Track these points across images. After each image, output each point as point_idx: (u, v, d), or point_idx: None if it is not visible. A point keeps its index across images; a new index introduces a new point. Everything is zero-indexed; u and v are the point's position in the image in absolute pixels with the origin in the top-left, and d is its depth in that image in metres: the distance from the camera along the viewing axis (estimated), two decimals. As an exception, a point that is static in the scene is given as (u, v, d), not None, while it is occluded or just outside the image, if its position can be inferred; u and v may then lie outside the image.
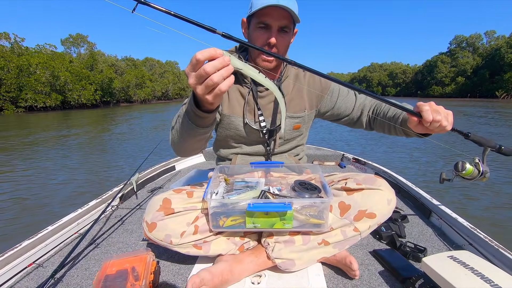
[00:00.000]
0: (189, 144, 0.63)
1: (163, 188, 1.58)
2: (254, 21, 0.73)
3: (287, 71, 0.86)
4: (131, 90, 32.53)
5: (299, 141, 0.94)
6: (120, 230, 1.05)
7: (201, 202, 0.71)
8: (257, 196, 0.63)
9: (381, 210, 0.65)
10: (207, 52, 0.43)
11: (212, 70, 0.43)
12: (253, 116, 0.84)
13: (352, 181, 0.69)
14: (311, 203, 0.60)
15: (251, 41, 0.76)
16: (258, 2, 0.71)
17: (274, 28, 0.72)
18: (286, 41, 0.76)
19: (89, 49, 32.78)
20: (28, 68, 19.96)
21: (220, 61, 0.43)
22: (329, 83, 0.90)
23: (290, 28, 0.75)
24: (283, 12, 0.69)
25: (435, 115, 0.56)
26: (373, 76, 73.68)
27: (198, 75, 0.45)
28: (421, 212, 1.17)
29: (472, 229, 0.90)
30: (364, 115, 0.88)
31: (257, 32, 0.74)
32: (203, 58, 0.43)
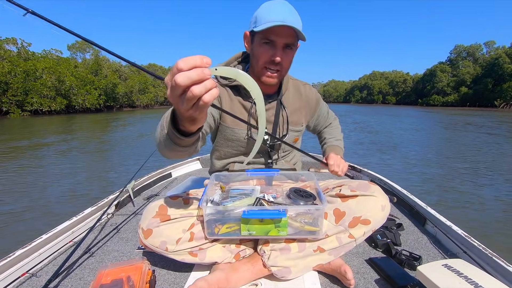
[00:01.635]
0: (174, 155, 0.60)
1: (159, 195, 1.57)
2: (259, 36, 0.73)
3: (287, 84, 0.88)
4: (134, 95, 32.95)
5: (296, 151, 0.97)
6: (116, 238, 1.04)
7: (197, 209, 0.71)
8: (252, 203, 0.64)
9: (375, 216, 0.66)
10: (191, 60, 0.35)
11: (186, 81, 0.35)
12: (256, 129, 0.84)
13: (347, 187, 0.71)
14: (305, 210, 0.61)
15: (254, 55, 0.77)
16: (264, 18, 0.70)
17: (280, 45, 0.72)
18: (291, 57, 0.77)
19: (94, 55, 33.49)
20: (34, 72, 20.34)
21: (197, 73, 0.35)
22: (319, 98, 0.94)
23: (295, 45, 0.76)
24: (290, 30, 0.70)
25: (335, 168, 0.83)
26: (374, 84, 74.21)
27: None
28: (416, 220, 1.18)
29: (466, 237, 0.91)
30: (318, 129, 1.05)
31: (262, 48, 0.73)
32: (186, 68, 0.35)
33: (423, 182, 3.42)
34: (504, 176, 3.71)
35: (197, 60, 0.36)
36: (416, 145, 6.41)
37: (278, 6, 0.71)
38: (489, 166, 4.25)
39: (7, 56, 19.95)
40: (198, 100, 0.37)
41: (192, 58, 0.36)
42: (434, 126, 11.37)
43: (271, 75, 0.77)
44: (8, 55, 20.29)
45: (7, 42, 21.81)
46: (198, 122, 0.45)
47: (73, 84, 22.72)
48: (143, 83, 34.71)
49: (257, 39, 0.75)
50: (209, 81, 0.37)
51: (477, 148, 5.98)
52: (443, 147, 6.27)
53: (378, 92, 72.61)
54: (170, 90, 0.38)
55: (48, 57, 24.80)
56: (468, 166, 4.32)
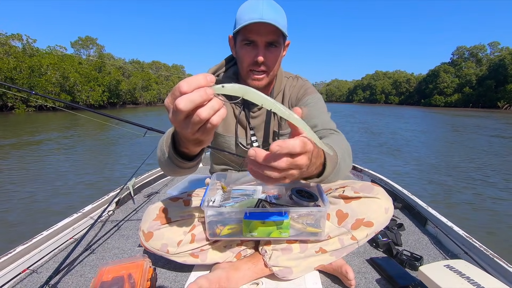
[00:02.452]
0: (178, 175, 0.58)
1: (159, 193, 1.57)
2: (240, 38, 0.69)
3: (280, 84, 0.83)
4: (137, 92, 33.08)
5: None
6: (116, 235, 1.04)
7: (198, 210, 0.71)
8: (254, 204, 0.63)
9: (378, 219, 0.66)
10: (195, 81, 0.32)
11: (189, 106, 0.31)
12: (245, 136, 0.82)
13: (350, 189, 0.70)
14: (308, 211, 0.61)
15: (238, 59, 0.74)
16: (242, 18, 0.67)
17: (261, 44, 0.68)
18: (276, 56, 0.71)
19: (98, 51, 33.65)
20: (39, 68, 20.52)
21: (200, 94, 0.31)
22: (306, 94, 0.81)
23: (280, 43, 0.70)
24: (270, 26, 0.64)
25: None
26: (376, 84, 73.62)
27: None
28: (417, 220, 1.18)
29: (467, 237, 0.90)
30: None
31: (243, 49, 0.70)
32: (189, 90, 0.31)
33: (427, 184, 3.40)
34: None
35: (201, 79, 0.32)
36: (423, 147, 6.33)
37: (255, 4, 0.66)
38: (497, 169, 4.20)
39: (12, 52, 20.14)
40: (205, 123, 0.34)
41: (196, 78, 0.32)
42: (441, 128, 11.09)
43: (258, 77, 0.72)
44: (14, 51, 20.47)
45: (12, 38, 21.99)
46: (204, 143, 0.42)
47: (77, 80, 22.88)
48: (146, 80, 34.82)
49: (238, 41, 0.71)
50: (215, 101, 0.33)
51: (486, 150, 5.88)
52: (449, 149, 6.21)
53: (381, 92, 72.03)
54: (172, 114, 0.33)
55: (52, 54, 24.98)
56: (475, 167, 4.28)
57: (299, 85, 0.83)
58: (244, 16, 0.66)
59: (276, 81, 0.81)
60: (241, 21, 0.67)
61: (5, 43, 20.55)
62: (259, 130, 0.83)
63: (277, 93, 0.83)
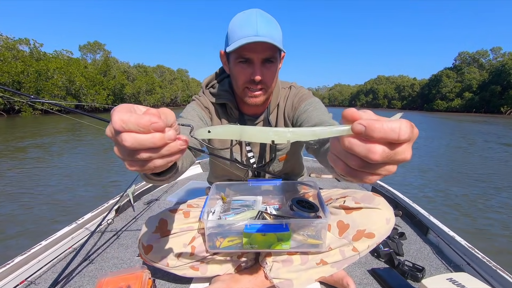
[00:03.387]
0: (154, 184, 0.56)
1: (159, 200, 1.57)
2: (234, 55, 0.66)
3: (277, 98, 0.79)
4: (142, 96, 33.49)
5: (294, 164, 0.89)
6: (115, 244, 1.03)
7: (197, 222, 0.70)
8: (254, 216, 0.63)
9: (379, 230, 0.65)
10: (133, 121, 0.24)
11: (135, 145, 0.25)
12: (241, 152, 0.81)
13: (351, 199, 0.68)
14: (309, 223, 0.61)
15: (233, 76, 0.71)
16: (235, 34, 0.63)
17: (257, 62, 0.65)
18: (273, 72, 0.68)
19: (104, 56, 34.29)
20: (46, 72, 20.94)
21: (152, 140, 0.25)
22: (302, 101, 0.76)
23: (276, 58, 0.67)
24: (266, 43, 0.61)
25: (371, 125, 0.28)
26: (379, 89, 73.57)
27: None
28: (418, 229, 1.17)
29: (470, 248, 0.89)
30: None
31: (238, 67, 0.67)
32: (122, 130, 0.25)
33: (430, 191, 3.35)
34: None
35: (146, 121, 0.25)
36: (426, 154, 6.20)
37: (248, 19, 0.63)
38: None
39: (20, 56, 20.62)
40: (147, 163, 0.28)
41: (136, 119, 0.24)
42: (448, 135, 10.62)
43: (255, 95, 0.69)
44: (21, 55, 20.96)
45: (20, 42, 22.55)
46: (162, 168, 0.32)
47: (83, 84, 23.28)
48: (150, 84, 35.28)
49: (232, 58, 0.68)
50: (175, 143, 0.27)
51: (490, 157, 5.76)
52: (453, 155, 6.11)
53: (384, 96, 71.92)
54: (116, 148, 0.27)
55: (59, 58, 25.51)
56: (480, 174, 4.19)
57: (293, 93, 0.80)
58: (238, 32, 0.63)
59: (272, 95, 0.78)
60: (234, 37, 0.63)
61: (13, 48, 21.06)
62: (255, 145, 0.81)
63: (274, 108, 0.80)
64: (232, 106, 0.77)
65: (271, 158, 0.81)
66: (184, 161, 0.55)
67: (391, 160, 0.24)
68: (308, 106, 0.75)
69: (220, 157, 0.78)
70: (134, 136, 0.25)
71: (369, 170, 0.25)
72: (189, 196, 1.62)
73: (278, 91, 0.79)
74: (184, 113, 0.76)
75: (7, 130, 9.92)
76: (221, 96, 0.77)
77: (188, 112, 0.76)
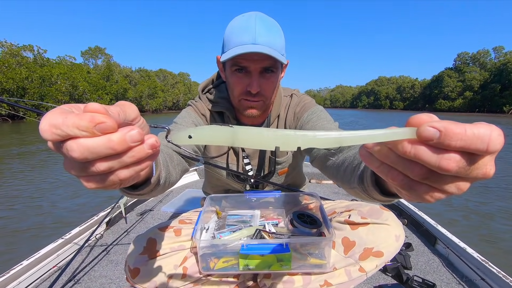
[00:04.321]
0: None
1: (153, 210, 1.50)
2: (229, 63, 0.60)
3: (278, 109, 0.73)
4: (144, 100, 33.76)
5: (294, 177, 0.85)
6: (105, 261, 0.97)
7: (190, 241, 0.64)
8: (252, 234, 0.59)
9: (389, 248, 0.59)
10: (69, 123, 0.18)
11: (87, 155, 0.19)
12: (237, 163, 0.76)
13: (356, 213, 0.63)
14: (311, 241, 0.57)
15: (229, 85, 0.66)
16: (231, 40, 0.57)
17: (255, 72, 0.59)
18: (272, 83, 0.62)
19: (106, 61, 34.77)
20: (50, 78, 21.27)
21: (109, 145, 0.19)
22: (304, 110, 0.72)
23: (277, 67, 0.61)
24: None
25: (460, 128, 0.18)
26: (380, 90, 73.55)
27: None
28: (425, 239, 1.13)
29: (483, 261, 0.84)
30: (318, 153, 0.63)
31: (234, 77, 0.61)
32: (58, 138, 0.18)
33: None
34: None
35: (87, 121, 0.18)
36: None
37: (246, 23, 0.57)
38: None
39: (24, 63, 20.97)
40: (108, 177, 0.21)
41: (84, 118, 0.18)
42: None
43: (252, 106, 0.64)
44: (25, 61, 21.32)
45: (24, 49, 22.98)
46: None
47: (86, 89, 23.58)
48: (153, 88, 35.59)
49: (228, 66, 0.62)
50: (140, 147, 0.20)
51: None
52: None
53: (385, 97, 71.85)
54: (65, 161, 0.20)
55: (62, 63, 25.89)
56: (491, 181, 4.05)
57: (295, 102, 0.75)
58: (234, 38, 0.57)
59: (273, 105, 0.73)
60: (230, 44, 0.58)
61: (17, 54, 21.46)
62: (254, 157, 0.75)
63: (274, 119, 0.75)
64: (230, 115, 0.72)
65: (270, 171, 0.76)
66: (173, 170, 0.48)
67: (467, 174, 0.18)
68: (311, 116, 0.70)
69: (216, 166, 0.73)
70: (82, 143, 0.18)
71: (434, 184, 0.19)
72: (185, 206, 1.57)
73: (280, 100, 0.74)
74: (178, 119, 0.71)
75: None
76: (218, 104, 0.73)
77: (183, 118, 0.70)
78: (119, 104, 0.22)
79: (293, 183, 0.87)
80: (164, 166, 0.43)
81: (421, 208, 1.35)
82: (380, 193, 0.33)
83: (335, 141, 0.20)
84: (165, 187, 0.45)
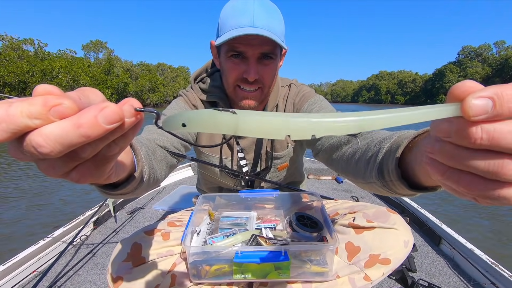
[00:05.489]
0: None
1: (145, 208, 1.41)
2: (225, 48, 0.56)
3: (276, 98, 0.69)
4: (145, 94, 33.71)
5: (294, 172, 0.81)
6: (90, 264, 0.90)
7: (179, 245, 0.59)
8: (247, 240, 0.55)
9: (397, 255, 0.54)
10: (16, 112, 0.14)
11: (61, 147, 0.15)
12: (231, 158, 0.72)
13: (361, 216, 0.58)
14: (312, 248, 0.52)
15: (223, 72, 0.62)
16: (227, 24, 0.54)
17: (253, 57, 0.55)
18: (271, 69, 0.58)
19: (107, 55, 34.55)
20: (51, 72, 21.24)
21: (74, 132, 0.15)
22: (304, 100, 0.67)
23: (276, 53, 0.57)
24: (263, 36, 0.51)
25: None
26: (381, 84, 72.84)
27: None
28: (429, 238, 1.08)
29: (493, 264, 0.80)
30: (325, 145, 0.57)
31: (229, 62, 0.57)
32: (15, 133, 0.14)
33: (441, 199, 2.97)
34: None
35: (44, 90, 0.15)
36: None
37: (244, 5, 0.53)
38: None
39: (25, 56, 20.91)
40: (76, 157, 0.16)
41: (36, 101, 0.15)
42: None
43: (248, 96, 0.59)
44: (26, 55, 21.25)
45: (24, 42, 22.85)
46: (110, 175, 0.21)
47: (87, 83, 23.51)
48: (153, 82, 35.45)
49: (223, 51, 0.57)
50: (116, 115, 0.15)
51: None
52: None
53: (386, 92, 71.24)
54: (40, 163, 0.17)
55: (63, 57, 25.79)
56: None
57: (294, 92, 0.70)
58: (230, 21, 0.53)
59: (271, 95, 0.68)
60: (226, 27, 0.54)
61: (18, 48, 21.38)
62: (249, 151, 0.71)
63: (272, 109, 0.70)
64: (223, 106, 0.67)
65: (267, 167, 0.72)
66: (156, 166, 0.43)
67: None
68: (312, 106, 0.66)
69: (205, 163, 0.68)
70: (48, 132, 0.14)
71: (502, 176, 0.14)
72: (178, 204, 1.50)
73: (278, 90, 0.70)
74: (167, 110, 0.67)
75: None
76: (211, 93, 0.68)
77: (172, 110, 0.66)
78: (78, 89, 0.18)
79: (291, 180, 0.83)
80: (146, 160, 0.39)
81: (424, 206, 1.31)
82: (408, 187, 0.29)
83: (356, 125, 0.17)
84: (150, 185, 0.41)
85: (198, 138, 0.71)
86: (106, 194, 0.32)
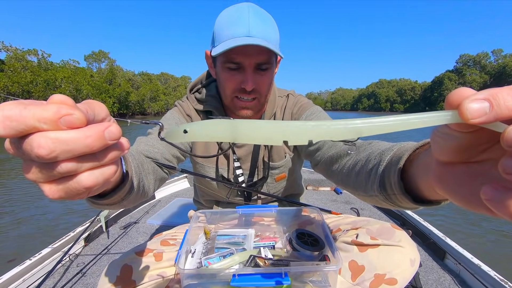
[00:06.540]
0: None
1: (138, 223, 1.36)
2: (221, 59, 0.56)
3: (273, 108, 0.69)
4: (146, 103, 34.07)
5: (292, 184, 0.79)
6: (79, 285, 0.85)
7: (173, 266, 0.57)
8: (245, 261, 0.52)
9: (403, 274, 0.52)
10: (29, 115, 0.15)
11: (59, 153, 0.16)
12: (227, 167, 0.70)
13: (365, 232, 0.56)
14: (314, 269, 0.50)
15: (220, 83, 0.62)
16: (222, 34, 0.54)
17: (249, 68, 0.55)
18: (268, 79, 0.58)
19: (109, 65, 35.26)
20: (54, 82, 21.58)
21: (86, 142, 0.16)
22: (302, 111, 0.68)
23: (271, 62, 0.57)
24: (259, 45, 0.52)
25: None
26: (381, 92, 73.72)
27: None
28: (432, 252, 1.05)
29: (502, 282, 0.77)
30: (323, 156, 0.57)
31: (226, 73, 0.57)
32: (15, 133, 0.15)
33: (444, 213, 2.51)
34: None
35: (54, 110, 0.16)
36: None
37: (239, 15, 0.53)
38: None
39: (29, 67, 21.32)
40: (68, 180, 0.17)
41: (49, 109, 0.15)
42: None
43: (246, 106, 0.60)
44: (30, 65, 21.68)
45: (28, 53, 23.39)
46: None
47: (90, 93, 23.84)
48: (155, 91, 35.92)
49: (219, 62, 0.58)
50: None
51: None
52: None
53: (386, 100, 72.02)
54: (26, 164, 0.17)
55: (66, 67, 26.30)
56: None
57: (291, 103, 0.70)
58: (226, 31, 0.53)
59: (268, 105, 0.68)
60: (222, 37, 0.54)
61: (22, 58, 21.85)
62: (246, 161, 0.70)
63: (271, 117, 0.71)
64: (219, 115, 0.68)
65: (263, 176, 0.70)
66: (145, 178, 0.43)
67: None
68: (310, 117, 0.66)
69: (197, 174, 0.67)
70: (55, 137, 0.16)
71: None
72: (174, 218, 1.45)
73: (275, 99, 0.70)
74: (162, 120, 0.66)
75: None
76: (206, 102, 0.68)
77: (166, 120, 0.66)
78: (86, 102, 0.19)
79: (290, 192, 0.81)
80: (136, 173, 0.38)
81: (427, 218, 1.27)
82: (412, 201, 0.28)
83: (353, 130, 0.17)
84: (138, 197, 0.40)
85: (192, 149, 0.70)
86: (92, 203, 0.32)
